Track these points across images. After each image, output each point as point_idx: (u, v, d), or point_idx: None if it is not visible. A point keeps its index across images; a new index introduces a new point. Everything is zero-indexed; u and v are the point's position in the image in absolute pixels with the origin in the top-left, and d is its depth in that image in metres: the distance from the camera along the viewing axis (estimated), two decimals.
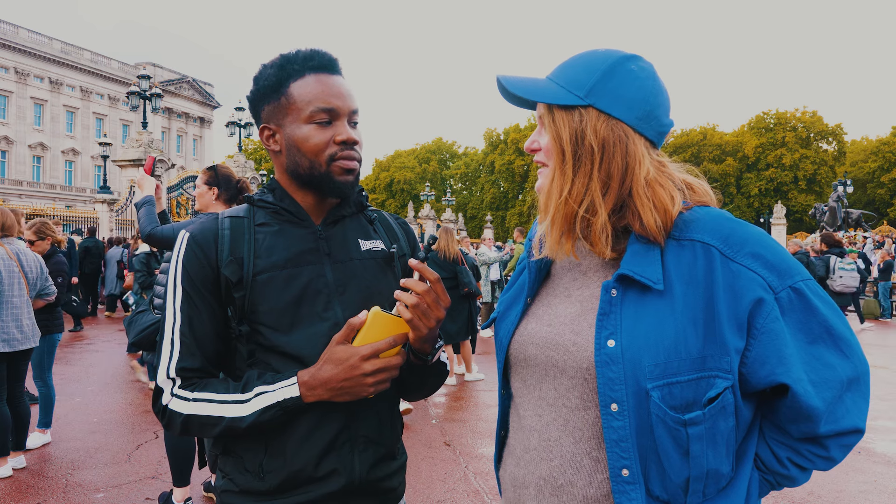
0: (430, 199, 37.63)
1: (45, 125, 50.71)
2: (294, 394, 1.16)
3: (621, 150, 1.01)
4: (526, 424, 1.11)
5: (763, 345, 0.96)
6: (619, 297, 1.00)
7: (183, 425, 1.19)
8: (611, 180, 1.02)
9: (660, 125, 1.05)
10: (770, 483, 1.07)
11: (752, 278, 0.96)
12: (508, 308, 1.21)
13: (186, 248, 1.24)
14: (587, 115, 1.02)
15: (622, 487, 0.97)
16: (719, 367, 0.95)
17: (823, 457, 1.03)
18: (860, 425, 1.00)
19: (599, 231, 1.02)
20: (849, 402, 1.00)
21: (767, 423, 1.05)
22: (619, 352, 0.97)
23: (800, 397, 0.96)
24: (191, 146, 62.64)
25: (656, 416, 0.95)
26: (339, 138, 1.25)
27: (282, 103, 1.26)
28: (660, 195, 1.02)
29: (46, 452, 4.92)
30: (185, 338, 1.21)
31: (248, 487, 1.22)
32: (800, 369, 0.96)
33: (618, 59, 1.04)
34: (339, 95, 1.26)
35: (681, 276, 0.98)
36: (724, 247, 0.98)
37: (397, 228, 1.46)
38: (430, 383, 1.38)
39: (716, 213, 1.04)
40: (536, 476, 1.07)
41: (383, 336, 1.16)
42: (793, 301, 0.97)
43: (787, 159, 55.41)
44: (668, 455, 0.97)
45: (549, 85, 1.06)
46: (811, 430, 0.99)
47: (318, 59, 1.27)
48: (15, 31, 47.97)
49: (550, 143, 1.05)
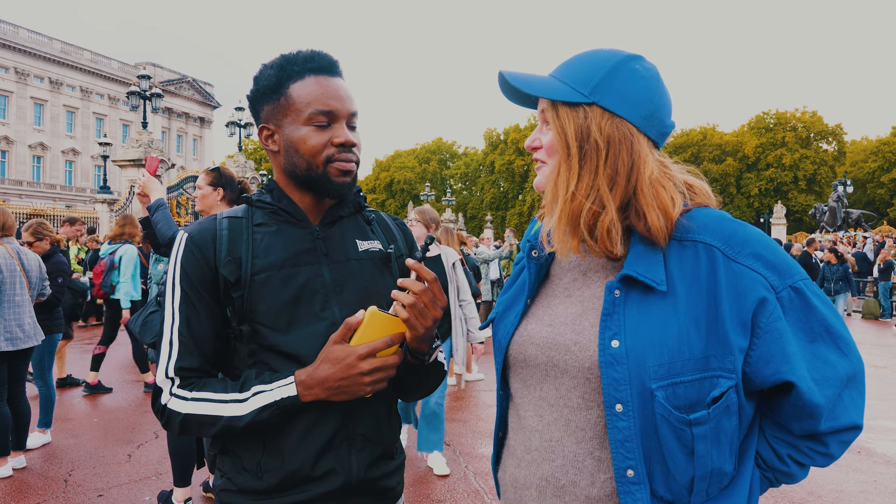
0: (430, 199, 37.62)
1: (45, 125, 50.73)
2: (291, 393, 1.16)
3: (627, 147, 1.01)
4: (526, 425, 1.11)
5: (767, 344, 0.96)
6: (623, 298, 1.00)
7: (181, 425, 1.19)
8: (617, 176, 1.01)
9: (662, 126, 1.05)
10: (770, 480, 1.08)
11: (754, 278, 0.97)
12: (507, 309, 1.20)
13: (185, 248, 1.24)
14: (592, 112, 1.02)
15: (627, 488, 0.97)
16: (723, 366, 0.96)
17: (823, 453, 1.04)
18: (858, 422, 1.02)
19: (608, 227, 1.01)
20: (847, 399, 1.01)
21: (768, 422, 1.06)
22: (623, 352, 0.97)
23: (804, 395, 0.97)
24: (191, 146, 62.65)
25: (661, 417, 0.96)
26: (337, 141, 1.25)
27: (281, 104, 1.26)
28: (661, 196, 1.02)
29: (46, 452, 4.92)
30: (183, 338, 1.21)
31: (246, 487, 1.23)
32: (803, 367, 0.97)
33: (622, 58, 1.04)
34: (338, 98, 1.26)
35: (683, 277, 0.99)
36: (727, 248, 0.99)
37: (395, 229, 1.46)
38: (427, 383, 1.38)
39: (717, 214, 1.04)
40: (538, 477, 1.07)
41: (380, 335, 1.16)
42: (793, 300, 0.98)
43: (787, 159, 55.39)
44: (673, 455, 0.97)
45: (552, 82, 1.06)
46: (812, 427, 1.00)
47: (318, 60, 1.27)
48: (15, 31, 47.99)
49: (555, 138, 1.05)
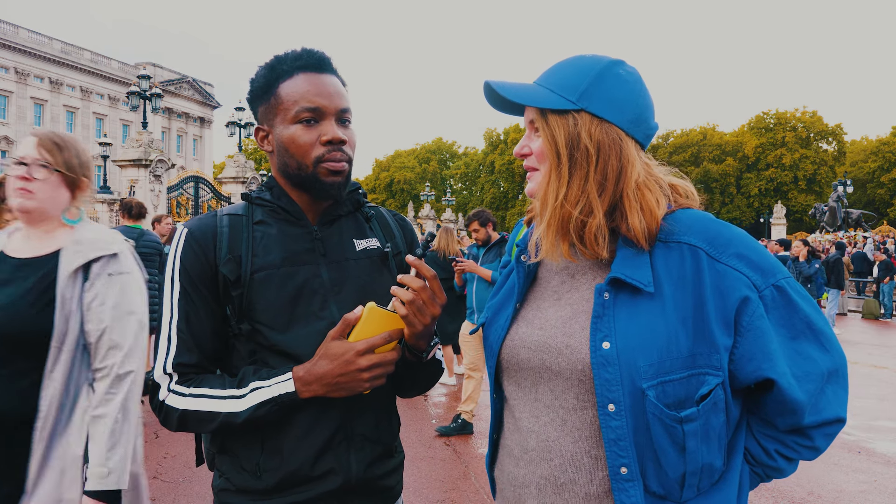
0: (430, 199, 37.66)
1: (45, 125, 50.64)
2: (289, 389, 1.16)
3: (616, 152, 1.04)
4: (523, 426, 1.12)
5: (749, 342, 0.99)
6: (612, 300, 1.02)
7: (179, 420, 1.19)
8: (606, 181, 1.04)
9: (648, 128, 1.09)
10: (759, 475, 1.11)
11: (737, 278, 0.99)
12: (497, 313, 1.21)
13: (184, 244, 1.24)
14: (581, 118, 1.04)
15: (621, 485, 1.00)
16: (709, 364, 0.99)
17: (808, 447, 1.07)
18: (842, 415, 1.05)
19: (595, 232, 1.04)
20: (830, 393, 1.04)
21: (754, 418, 1.09)
22: (614, 353, 0.99)
23: (784, 391, 1.00)
24: (191, 146, 62.66)
25: (652, 415, 0.98)
26: (325, 138, 1.23)
27: (272, 104, 1.26)
28: (647, 198, 1.04)
29: None
30: (182, 334, 1.21)
31: (245, 486, 1.22)
32: (784, 364, 1.00)
33: (606, 63, 1.06)
34: (324, 94, 1.24)
35: (670, 278, 1.01)
36: (710, 248, 1.01)
37: (394, 225, 1.45)
38: (424, 381, 1.38)
39: (700, 215, 1.07)
40: (537, 476, 1.08)
41: (379, 331, 1.16)
42: (776, 298, 1.01)
43: (787, 159, 55.47)
44: (665, 452, 0.99)
45: (539, 90, 1.07)
46: (796, 421, 1.03)
47: (306, 58, 1.27)
48: (15, 31, 48.04)
49: (545, 146, 1.06)
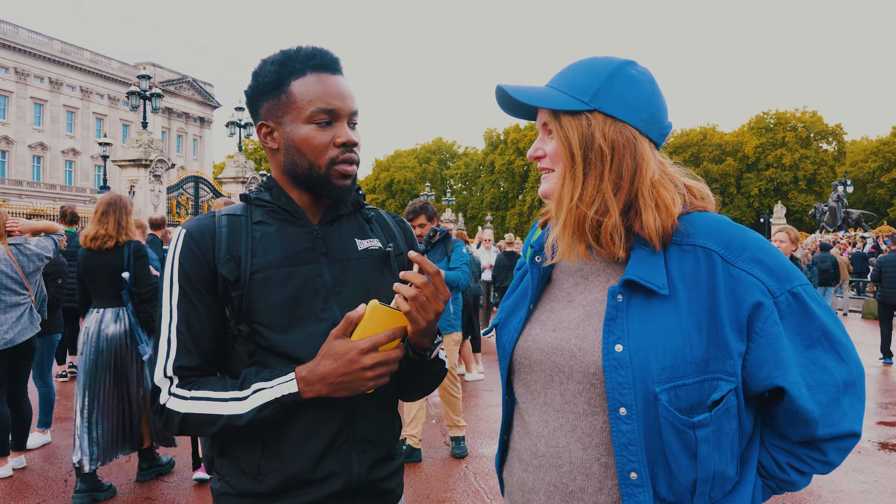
0: (430, 199, 37.64)
1: (45, 125, 50.70)
2: (292, 390, 1.14)
3: (630, 150, 1.03)
4: (532, 430, 1.11)
5: (761, 348, 0.97)
6: (626, 303, 1.00)
7: (181, 424, 1.18)
8: (622, 181, 1.03)
9: (661, 126, 1.08)
10: (772, 488, 1.09)
11: (752, 283, 0.97)
12: (511, 314, 1.20)
13: (183, 245, 1.23)
14: (594, 119, 1.03)
15: (631, 490, 0.98)
16: (722, 369, 0.97)
17: (822, 461, 1.04)
18: (857, 429, 1.01)
19: (611, 231, 1.03)
20: (845, 405, 1.00)
21: (767, 430, 1.07)
22: (627, 356, 0.97)
23: (795, 400, 0.97)
24: (191, 146, 62.58)
25: (665, 419, 0.96)
26: (340, 140, 1.24)
27: (282, 101, 1.24)
28: (663, 196, 1.03)
29: (46, 452, 4.92)
30: (181, 336, 1.20)
31: (245, 490, 1.21)
32: (796, 372, 0.97)
33: (618, 64, 1.06)
34: (340, 96, 1.24)
35: (684, 281, 1.00)
36: (726, 252, 0.99)
37: (394, 226, 1.45)
38: (427, 380, 1.36)
39: (716, 218, 1.06)
40: (546, 482, 1.07)
41: (382, 329, 1.14)
42: (791, 305, 0.98)
43: (787, 159, 55.40)
44: (677, 457, 0.97)
45: (552, 92, 1.07)
46: (808, 433, 1.00)
47: (320, 57, 1.26)
48: (15, 31, 47.97)
49: (559, 147, 1.06)
